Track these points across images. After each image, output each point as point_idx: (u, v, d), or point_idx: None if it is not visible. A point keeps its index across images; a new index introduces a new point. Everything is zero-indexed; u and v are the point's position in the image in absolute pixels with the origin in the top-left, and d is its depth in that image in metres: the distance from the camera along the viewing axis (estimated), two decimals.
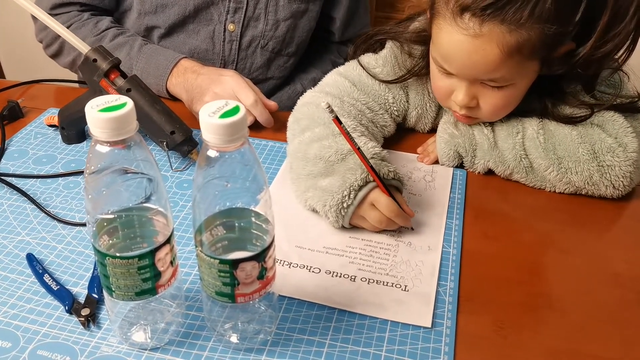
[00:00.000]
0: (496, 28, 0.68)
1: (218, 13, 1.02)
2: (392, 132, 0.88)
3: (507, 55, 0.69)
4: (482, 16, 0.67)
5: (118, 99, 0.47)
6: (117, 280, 0.51)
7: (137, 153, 0.48)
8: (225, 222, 0.51)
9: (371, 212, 0.69)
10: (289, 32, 1.06)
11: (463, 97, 0.76)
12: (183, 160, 0.84)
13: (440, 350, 0.57)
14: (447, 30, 0.72)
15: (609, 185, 0.76)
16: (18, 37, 2.05)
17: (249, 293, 0.52)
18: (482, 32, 0.68)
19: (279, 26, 1.05)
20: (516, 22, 0.67)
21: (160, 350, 0.56)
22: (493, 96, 0.76)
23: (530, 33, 0.67)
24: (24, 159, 0.84)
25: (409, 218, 0.71)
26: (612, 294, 0.65)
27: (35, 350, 0.56)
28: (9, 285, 0.63)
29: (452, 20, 0.70)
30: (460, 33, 0.70)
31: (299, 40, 1.09)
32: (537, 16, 0.66)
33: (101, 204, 0.50)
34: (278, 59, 1.10)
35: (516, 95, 0.77)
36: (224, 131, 0.45)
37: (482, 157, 0.81)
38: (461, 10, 0.69)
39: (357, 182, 0.68)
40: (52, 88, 1.04)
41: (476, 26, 0.68)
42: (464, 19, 0.69)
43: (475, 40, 0.69)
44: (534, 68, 0.74)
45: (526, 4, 0.66)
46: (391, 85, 0.86)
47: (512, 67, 0.71)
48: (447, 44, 0.73)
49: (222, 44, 1.05)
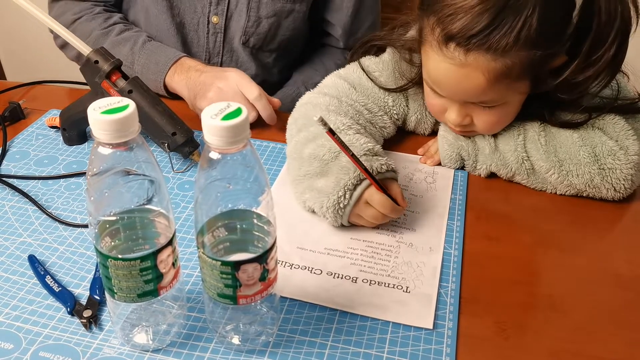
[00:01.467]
0: (481, 57, 0.67)
1: (202, 5, 1.03)
2: (391, 133, 0.88)
3: (494, 81, 0.69)
4: (467, 45, 0.67)
5: (120, 101, 0.47)
6: (119, 282, 0.51)
7: (139, 155, 0.48)
8: (227, 224, 0.51)
9: (367, 210, 0.70)
10: (271, 30, 1.06)
11: (456, 117, 0.77)
12: (184, 161, 0.84)
13: (441, 351, 0.57)
14: (434, 59, 0.72)
15: (610, 188, 0.76)
16: (19, 38, 2.06)
17: (251, 295, 0.52)
18: (468, 62, 0.68)
19: (260, 23, 1.04)
20: (501, 50, 0.66)
21: (162, 351, 0.56)
22: (486, 114, 0.76)
23: (516, 59, 0.67)
24: (26, 160, 0.84)
25: (402, 210, 0.71)
26: (614, 294, 0.65)
27: (38, 352, 0.56)
28: (10, 286, 0.63)
29: (438, 49, 0.70)
30: (447, 62, 0.70)
31: (282, 39, 1.08)
32: (522, 43, 0.66)
33: (103, 206, 0.50)
34: (260, 54, 1.09)
35: (510, 111, 0.77)
36: (226, 133, 0.45)
37: (484, 162, 0.81)
38: (446, 40, 0.69)
39: (351, 182, 0.68)
40: (53, 89, 1.04)
41: (461, 56, 0.68)
42: (449, 49, 0.69)
43: (462, 69, 0.69)
44: (525, 87, 0.74)
45: (510, 32, 0.65)
46: None
47: (501, 90, 0.71)
48: (434, 71, 0.74)
49: (206, 36, 1.05)
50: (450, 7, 0.68)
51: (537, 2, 0.65)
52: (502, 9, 0.65)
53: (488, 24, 0.65)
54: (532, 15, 0.65)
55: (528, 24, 0.65)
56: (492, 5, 0.65)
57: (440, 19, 0.69)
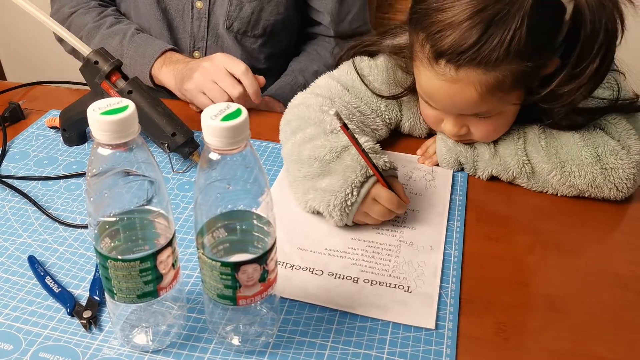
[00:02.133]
0: (473, 71, 0.67)
1: None
2: (384, 136, 0.88)
3: (487, 94, 0.69)
4: (458, 62, 0.67)
5: (120, 101, 0.47)
6: (119, 283, 0.51)
7: (139, 155, 0.48)
8: (226, 225, 0.51)
9: (374, 206, 0.70)
10: (254, 14, 1.06)
11: (452, 127, 0.77)
12: (184, 162, 0.84)
13: (442, 352, 0.57)
14: (425, 74, 0.72)
15: (612, 188, 0.76)
16: (19, 38, 2.06)
17: (251, 295, 0.52)
18: (459, 77, 0.68)
19: (243, 7, 1.05)
20: (492, 64, 0.66)
21: (161, 352, 0.56)
22: (483, 124, 0.76)
23: (507, 71, 0.67)
24: (26, 160, 0.84)
25: (406, 206, 0.72)
26: (614, 295, 0.65)
27: (37, 352, 0.56)
28: (10, 287, 0.63)
29: (429, 66, 0.70)
30: (438, 78, 0.70)
31: (265, 24, 1.09)
32: (512, 56, 0.65)
33: (103, 207, 0.50)
34: (245, 40, 1.10)
35: (506, 119, 0.77)
36: (226, 134, 0.45)
37: (484, 167, 0.81)
38: (436, 56, 0.68)
39: (358, 179, 0.68)
40: (53, 90, 1.04)
41: (452, 72, 0.68)
42: (440, 65, 0.69)
43: (454, 85, 0.69)
44: (519, 97, 0.74)
45: (499, 46, 0.64)
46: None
47: (494, 101, 0.71)
48: (427, 86, 0.74)
49: (191, 22, 1.07)
50: (439, 24, 0.67)
51: (525, 14, 0.64)
52: (491, 24, 0.64)
53: (477, 39, 0.65)
54: (521, 28, 0.64)
55: (517, 36, 0.64)
56: (480, 20, 0.64)
57: (430, 35, 0.68)
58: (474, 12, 0.64)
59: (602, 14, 0.66)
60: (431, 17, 0.68)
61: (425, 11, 0.69)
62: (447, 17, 0.66)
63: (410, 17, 0.74)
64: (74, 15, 1.06)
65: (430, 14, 0.68)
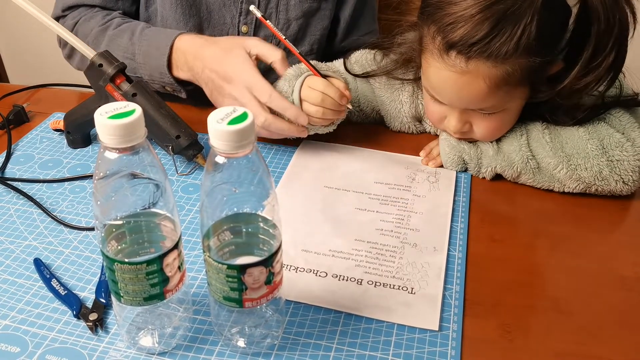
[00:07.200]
0: (482, 64, 0.69)
1: (231, 16, 1.02)
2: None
3: (494, 87, 0.71)
4: (469, 53, 0.69)
5: (127, 105, 0.47)
6: (126, 286, 0.51)
7: (145, 158, 0.49)
8: (232, 227, 0.51)
9: (311, 94, 0.78)
10: (300, 31, 1.06)
11: (455, 123, 0.78)
12: (188, 164, 0.84)
13: (446, 354, 0.57)
14: (434, 66, 0.73)
15: (618, 180, 0.76)
16: (23, 41, 2.06)
17: (257, 298, 0.52)
18: (469, 69, 0.70)
19: (290, 25, 1.04)
20: (501, 57, 0.68)
21: (167, 354, 0.57)
22: (486, 121, 0.78)
23: (516, 66, 0.69)
24: (30, 163, 0.84)
25: (346, 98, 0.79)
26: (619, 296, 0.65)
27: (44, 355, 0.56)
28: (16, 290, 0.63)
29: (439, 57, 0.72)
30: (448, 70, 0.71)
31: (312, 40, 1.08)
32: (521, 50, 0.67)
33: (110, 210, 0.50)
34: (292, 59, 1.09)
35: (509, 117, 0.78)
36: (232, 138, 0.45)
37: (488, 164, 0.81)
38: (447, 48, 0.70)
39: (294, 71, 0.79)
40: (57, 92, 1.04)
41: (462, 63, 0.70)
42: (451, 57, 0.70)
43: (463, 76, 0.71)
44: (524, 93, 0.75)
45: (510, 40, 0.67)
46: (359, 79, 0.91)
47: (501, 96, 0.73)
48: (435, 79, 0.75)
49: None
50: (450, 16, 0.69)
51: (535, 11, 0.66)
52: (502, 18, 0.66)
53: (488, 32, 0.67)
54: (531, 23, 0.66)
55: (527, 31, 0.66)
56: (492, 13, 0.67)
57: (441, 27, 0.70)
58: (485, 5, 0.67)
59: (615, 10, 0.69)
60: (443, 9, 0.70)
61: (437, 4, 0.72)
62: (459, 9, 0.68)
63: (421, 10, 0.76)
64: (78, 24, 1.01)
65: (442, 7, 0.71)
